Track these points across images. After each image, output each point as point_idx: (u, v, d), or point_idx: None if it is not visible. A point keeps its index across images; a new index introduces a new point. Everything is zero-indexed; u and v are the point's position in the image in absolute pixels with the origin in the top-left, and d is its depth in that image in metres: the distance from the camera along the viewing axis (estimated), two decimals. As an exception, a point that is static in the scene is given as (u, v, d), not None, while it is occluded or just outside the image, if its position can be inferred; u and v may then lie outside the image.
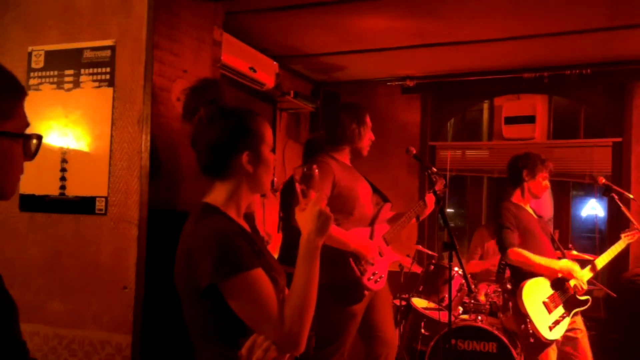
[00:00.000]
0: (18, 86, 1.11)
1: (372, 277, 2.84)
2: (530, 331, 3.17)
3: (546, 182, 3.37)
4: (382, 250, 2.95)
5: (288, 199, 3.90)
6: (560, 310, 3.20)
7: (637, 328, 4.06)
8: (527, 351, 3.30)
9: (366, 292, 2.84)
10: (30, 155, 1.13)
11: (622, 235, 3.39)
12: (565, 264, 3.22)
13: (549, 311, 3.18)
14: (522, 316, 3.18)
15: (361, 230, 2.90)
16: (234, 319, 1.46)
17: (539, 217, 3.45)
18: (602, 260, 3.32)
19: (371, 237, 2.94)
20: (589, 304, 3.26)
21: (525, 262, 3.19)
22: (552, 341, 3.14)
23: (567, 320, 3.20)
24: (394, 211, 3.16)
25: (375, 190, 3.11)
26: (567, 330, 3.23)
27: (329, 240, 2.63)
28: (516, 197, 3.41)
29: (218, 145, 1.58)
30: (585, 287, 3.21)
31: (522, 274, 3.24)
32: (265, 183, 1.66)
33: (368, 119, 3.02)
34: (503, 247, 3.25)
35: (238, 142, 1.58)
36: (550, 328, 3.14)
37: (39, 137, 1.14)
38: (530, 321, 3.13)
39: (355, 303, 2.83)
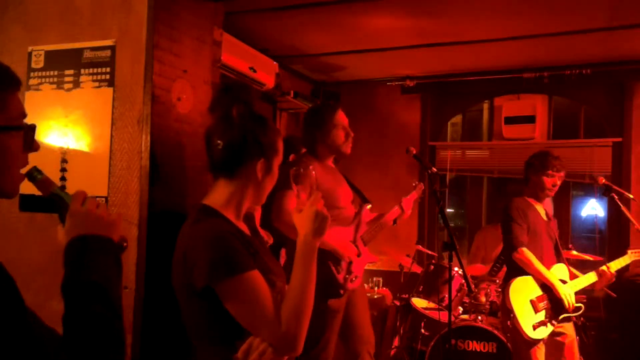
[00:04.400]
0: (6, 77, 1.06)
1: (348, 277, 2.85)
2: (511, 327, 3.21)
3: (553, 180, 3.31)
4: (360, 251, 2.95)
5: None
6: (548, 311, 3.19)
7: (637, 328, 4.06)
8: (513, 346, 3.33)
9: (342, 291, 2.85)
10: (29, 147, 1.09)
11: (629, 252, 3.35)
12: (554, 279, 3.18)
13: (536, 310, 3.17)
14: (507, 311, 3.20)
15: (342, 229, 2.90)
16: (231, 321, 1.45)
17: (548, 219, 3.43)
18: (613, 266, 3.27)
19: (353, 237, 2.96)
20: (580, 312, 3.23)
21: (528, 265, 3.20)
22: (535, 340, 3.13)
23: (555, 322, 3.19)
24: (375, 212, 3.16)
25: (356, 191, 3.11)
26: (555, 335, 3.22)
27: None
28: (527, 194, 3.42)
29: (240, 145, 1.58)
30: (572, 302, 3.17)
31: (518, 270, 3.26)
32: (266, 195, 1.68)
33: (336, 118, 2.95)
34: (513, 244, 3.23)
35: (258, 148, 1.60)
36: (535, 327, 3.14)
37: (32, 127, 1.09)
38: (515, 317, 3.14)
39: (333, 298, 2.83)
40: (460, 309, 4.04)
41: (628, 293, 4.09)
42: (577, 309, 3.23)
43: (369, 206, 3.08)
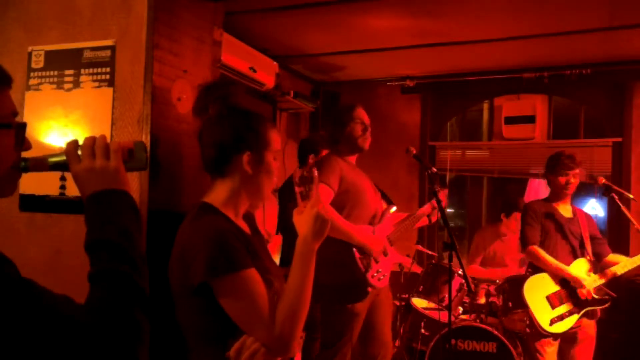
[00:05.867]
0: None
1: (376, 275, 2.85)
2: (528, 321, 3.33)
3: (566, 178, 3.38)
4: (386, 250, 2.97)
5: (285, 200, 3.91)
6: (567, 306, 3.25)
7: (637, 328, 4.06)
8: (525, 340, 3.43)
9: (370, 289, 2.84)
10: (19, 145, 1.07)
11: None
12: (576, 273, 3.25)
13: (553, 306, 3.24)
14: (524, 307, 3.31)
15: (367, 227, 2.91)
16: (225, 319, 1.45)
17: (574, 217, 3.45)
18: (619, 269, 3.29)
19: (382, 235, 2.98)
20: (607, 304, 3.27)
21: (541, 261, 3.31)
22: (551, 334, 3.21)
23: (575, 317, 3.23)
24: (402, 213, 3.21)
25: (381, 192, 3.13)
26: (573, 328, 3.25)
27: (335, 233, 2.66)
28: (549, 196, 3.53)
29: (221, 142, 1.58)
30: (587, 288, 3.22)
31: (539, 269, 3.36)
32: (265, 190, 1.65)
33: (355, 113, 3.01)
34: (524, 243, 3.42)
35: (240, 142, 1.58)
36: (552, 322, 3.21)
37: (22, 126, 1.07)
38: (531, 312, 3.25)
39: (358, 301, 2.83)
40: (460, 309, 4.03)
41: (628, 293, 4.09)
42: (603, 301, 3.26)
43: (393, 208, 3.11)
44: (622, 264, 3.29)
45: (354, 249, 2.80)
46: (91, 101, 2.11)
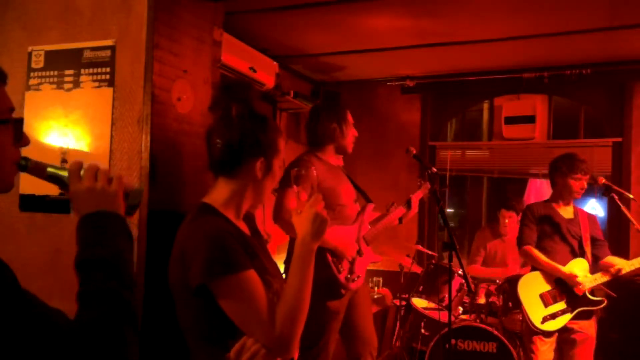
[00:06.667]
0: None
1: (349, 276, 2.85)
2: (521, 318, 3.36)
3: (580, 183, 3.36)
4: (362, 250, 2.96)
5: None
6: (560, 305, 3.26)
7: (637, 328, 4.06)
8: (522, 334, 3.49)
9: (343, 291, 2.85)
10: (18, 141, 1.07)
11: None
12: (568, 270, 3.25)
13: (546, 304, 3.26)
14: (519, 304, 3.34)
15: (344, 228, 2.91)
16: (225, 320, 1.45)
17: (575, 219, 3.44)
18: (627, 266, 3.27)
19: (355, 236, 2.97)
20: (602, 305, 3.27)
21: (535, 260, 3.33)
22: (543, 331, 3.23)
23: (568, 315, 3.24)
24: (377, 212, 3.18)
25: (359, 191, 3.13)
26: (568, 331, 3.25)
27: None
28: (552, 197, 3.51)
29: (239, 143, 1.57)
30: (582, 285, 3.22)
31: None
32: (266, 195, 1.67)
33: (349, 116, 3.05)
34: (519, 243, 3.44)
35: (258, 147, 1.59)
36: (544, 319, 3.23)
37: (19, 121, 1.08)
38: (524, 309, 3.28)
39: (335, 298, 2.84)
40: (460, 309, 4.04)
41: (628, 293, 4.09)
42: (598, 302, 3.26)
43: (372, 206, 3.09)
44: (629, 262, 3.26)
45: (327, 252, 2.79)
46: (91, 101, 2.11)
